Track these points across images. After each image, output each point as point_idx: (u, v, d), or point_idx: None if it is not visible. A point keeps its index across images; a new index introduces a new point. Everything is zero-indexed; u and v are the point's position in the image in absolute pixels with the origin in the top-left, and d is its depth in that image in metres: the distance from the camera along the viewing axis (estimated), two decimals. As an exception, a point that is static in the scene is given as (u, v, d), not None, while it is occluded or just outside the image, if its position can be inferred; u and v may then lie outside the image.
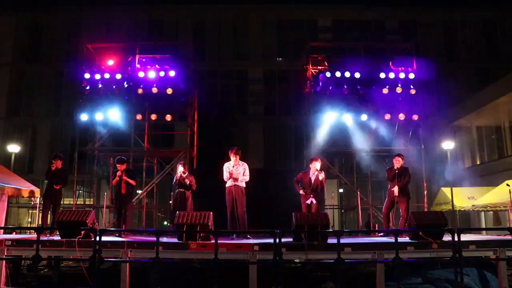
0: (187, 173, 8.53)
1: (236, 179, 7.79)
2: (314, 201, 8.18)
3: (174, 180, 8.51)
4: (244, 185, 7.93)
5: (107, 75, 12.47)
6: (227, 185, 7.93)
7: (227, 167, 7.91)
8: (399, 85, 12.29)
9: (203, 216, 6.86)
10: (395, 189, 8.25)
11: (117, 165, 8.48)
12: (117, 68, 12.65)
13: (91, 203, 18.80)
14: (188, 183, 8.36)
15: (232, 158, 7.90)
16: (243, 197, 7.85)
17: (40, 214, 9.46)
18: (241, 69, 23.60)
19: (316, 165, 8.26)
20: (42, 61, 23.59)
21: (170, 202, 12.44)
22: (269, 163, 21.46)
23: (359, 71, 12.25)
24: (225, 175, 7.90)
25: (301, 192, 8.32)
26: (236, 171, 7.83)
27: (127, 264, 6.40)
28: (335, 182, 18.17)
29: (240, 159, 8.01)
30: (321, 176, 8.22)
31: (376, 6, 22.98)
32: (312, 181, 8.25)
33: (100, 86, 12.54)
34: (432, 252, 6.48)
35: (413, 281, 7.19)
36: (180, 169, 8.44)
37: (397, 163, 8.37)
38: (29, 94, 23.44)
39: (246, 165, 8.00)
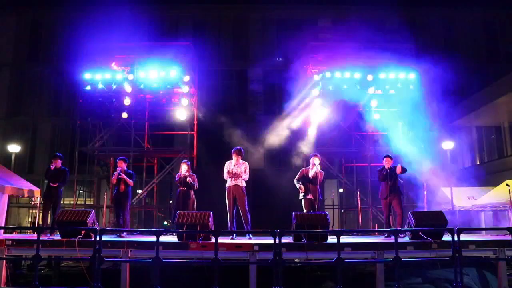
0: (190, 172, 8.57)
1: (235, 175, 7.83)
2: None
3: (178, 178, 8.55)
4: (244, 184, 7.97)
5: (107, 75, 12.48)
6: (227, 184, 7.99)
7: (227, 166, 7.99)
8: (399, 85, 12.32)
9: (203, 216, 6.87)
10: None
11: (118, 161, 8.57)
12: (118, 68, 12.65)
13: (91, 203, 18.84)
14: (191, 181, 8.40)
15: (234, 158, 7.98)
16: (244, 196, 7.90)
17: (40, 214, 9.47)
18: (241, 69, 23.59)
19: (316, 160, 8.32)
20: (42, 61, 23.57)
21: (171, 202, 12.44)
22: (269, 163, 21.43)
23: (359, 71, 12.27)
24: (225, 174, 7.98)
25: (301, 189, 8.28)
26: (236, 170, 7.90)
27: (127, 264, 6.41)
28: (335, 182, 18.16)
29: (242, 159, 8.06)
30: (318, 169, 8.22)
31: (376, 6, 22.94)
32: (311, 176, 8.26)
33: (100, 86, 12.55)
34: (432, 252, 6.49)
35: (413, 281, 7.22)
36: (184, 167, 8.50)
37: (387, 163, 8.50)
38: (29, 94, 23.43)
39: (247, 164, 8.07)
